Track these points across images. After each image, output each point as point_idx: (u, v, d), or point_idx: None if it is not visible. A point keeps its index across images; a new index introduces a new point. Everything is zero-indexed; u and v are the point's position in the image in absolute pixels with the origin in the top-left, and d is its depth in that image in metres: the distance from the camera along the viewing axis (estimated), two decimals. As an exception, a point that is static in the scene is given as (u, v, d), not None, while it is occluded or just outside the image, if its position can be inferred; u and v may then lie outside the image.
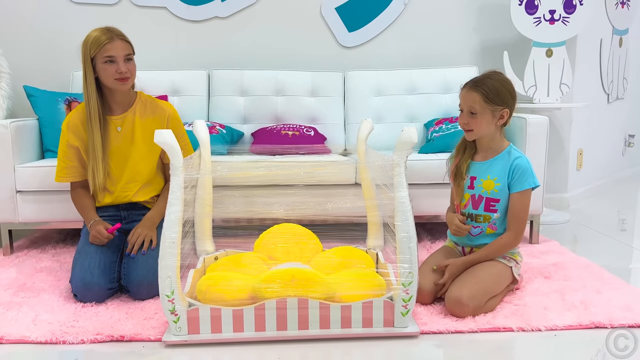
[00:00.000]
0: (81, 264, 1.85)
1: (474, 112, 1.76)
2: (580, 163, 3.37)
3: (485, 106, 1.75)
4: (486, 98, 1.74)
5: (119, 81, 1.89)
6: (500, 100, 1.75)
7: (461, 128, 1.83)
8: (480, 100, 1.75)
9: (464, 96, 1.79)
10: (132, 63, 1.93)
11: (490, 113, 1.76)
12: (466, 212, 1.83)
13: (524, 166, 1.79)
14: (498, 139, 1.83)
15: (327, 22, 3.06)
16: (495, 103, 1.75)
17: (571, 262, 2.16)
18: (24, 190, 2.32)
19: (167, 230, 1.49)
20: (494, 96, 1.75)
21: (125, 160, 1.98)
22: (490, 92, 1.74)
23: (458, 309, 1.66)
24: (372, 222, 1.97)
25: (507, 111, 1.76)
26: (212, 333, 1.55)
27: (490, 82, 1.76)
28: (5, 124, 2.29)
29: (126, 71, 1.89)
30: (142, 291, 1.83)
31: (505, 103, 1.75)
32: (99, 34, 1.88)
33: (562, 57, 2.88)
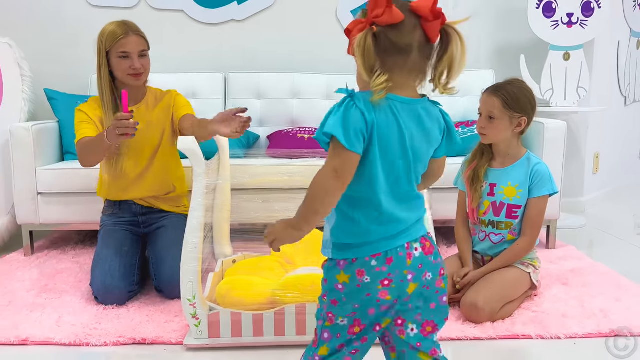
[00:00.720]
0: (101, 268, 1.86)
1: (492, 117, 1.76)
2: (597, 166, 3.35)
3: (503, 111, 1.75)
4: (505, 104, 1.75)
5: (133, 77, 1.89)
6: (519, 107, 1.75)
7: (477, 132, 1.83)
8: (499, 106, 1.75)
9: (484, 100, 1.80)
10: (147, 59, 1.93)
11: (508, 119, 1.76)
12: (486, 219, 1.83)
13: (543, 172, 1.79)
14: (515, 146, 1.83)
15: (343, 24, 3.06)
16: (514, 110, 1.75)
17: (589, 268, 2.16)
18: (44, 192, 2.35)
19: (190, 235, 1.51)
20: (514, 103, 1.75)
21: (140, 152, 1.97)
22: (510, 98, 1.75)
23: (474, 313, 1.67)
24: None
25: (524, 119, 1.76)
26: (233, 337, 1.57)
27: (510, 88, 1.76)
28: (27, 127, 2.33)
29: (140, 67, 1.88)
30: (175, 290, 1.73)
31: (523, 111, 1.75)
32: (114, 28, 1.88)
33: (579, 61, 2.86)
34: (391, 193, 0.99)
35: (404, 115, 0.96)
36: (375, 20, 0.93)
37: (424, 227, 1.06)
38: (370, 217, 0.99)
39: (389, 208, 0.99)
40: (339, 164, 0.93)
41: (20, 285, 2.02)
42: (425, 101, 0.99)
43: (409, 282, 1.00)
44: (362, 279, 0.99)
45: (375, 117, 0.93)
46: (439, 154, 1.06)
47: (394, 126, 0.95)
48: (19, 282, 2.05)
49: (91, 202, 2.29)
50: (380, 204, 0.98)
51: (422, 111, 0.98)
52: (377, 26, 0.93)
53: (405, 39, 0.94)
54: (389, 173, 0.98)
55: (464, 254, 1.87)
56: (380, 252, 0.99)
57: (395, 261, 0.99)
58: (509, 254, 1.79)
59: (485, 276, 1.78)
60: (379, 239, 1.00)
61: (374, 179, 0.97)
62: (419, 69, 0.97)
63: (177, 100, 2.04)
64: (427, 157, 1.02)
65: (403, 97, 0.96)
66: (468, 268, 1.81)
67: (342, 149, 0.92)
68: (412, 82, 0.98)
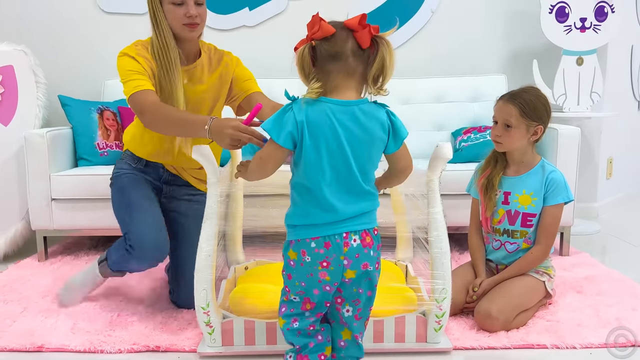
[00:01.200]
0: (146, 222, 1.70)
1: (509, 125, 1.75)
2: (610, 172, 3.32)
3: (521, 120, 1.74)
4: (522, 112, 1.73)
5: (188, 27, 1.67)
6: (536, 115, 1.74)
7: (492, 140, 1.82)
8: (516, 114, 1.74)
9: (499, 108, 1.79)
10: (203, 8, 1.71)
11: (525, 127, 1.75)
12: (501, 228, 1.82)
13: (558, 180, 1.78)
14: (530, 154, 1.81)
15: (354, 30, 3.06)
16: (531, 118, 1.74)
17: (603, 276, 2.14)
18: (58, 198, 2.37)
19: (204, 244, 1.52)
20: (531, 111, 1.73)
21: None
22: (527, 106, 1.73)
23: (487, 322, 1.66)
24: (401, 236, 1.97)
25: (541, 127, 1.75)
26: (246, 345, 1.57)
27: (527, 96, 1.75)
28: (41, 134, 2.35)
29: (196, 15, 1.66)
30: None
31: (540, 119, 1.74)
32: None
33: (593, 65, 2.84)
34: (335, 184, 1.18)
35: (339, 116, 1.15)
36: (313, 36, 1.16)
37: (372, 221, 1.25)
38: (311, 203, 1.19)
39: (329, 197, 1.18)
40: (265, 154, 1.21)
41: (34, 292, 2.03)
42: (362, 102, 1.18)
43: (345, 267, 1.20)
44: (305, 258, 1.20)
45: (307, 118, 1.14)
46: (389, 151, 1.24)
47: (327, 125, 1.15)
48: (34, 288, 2.07)
49: (104, 208, 2.30)
50: (320, 192, 1.18)
51: (359, 112, 1.17)
52: (315, 41, 1.16)
53: (338, 47, 1.15)
54: (331, 166, 1.17)
55: (477, 262, 1.86)
56: (319, 236, 1.18)
57: (332, 246, 1.18)
58: (523, 263, 1.78)
59: (499, 285, 1.76)
60: (320, 224, 1.19)
61: (313, 170, 1.17)
62: (357, 73, 1.17)
63: (239, 72, 1.87)
64: (370, 153, 1.20)
65: (337, 100, 1.16)
66: (482, 278, 1.80)
67: (272, 142, 1.17)
68: (351, 84, 1.18)
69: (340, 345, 1.32)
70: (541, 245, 1.78)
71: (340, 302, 1.27)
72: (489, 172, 1.84)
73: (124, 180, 1.82)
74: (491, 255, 1.87)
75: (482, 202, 1.86)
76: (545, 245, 1.78)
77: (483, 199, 1.85)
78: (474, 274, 1.86)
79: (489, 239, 1.88)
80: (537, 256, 1.78)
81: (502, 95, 1.80)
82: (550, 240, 1.79)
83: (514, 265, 1.79)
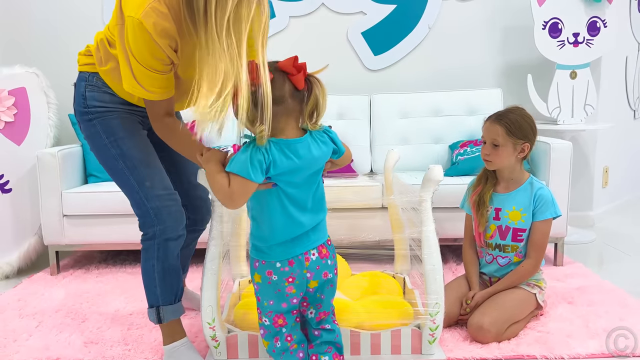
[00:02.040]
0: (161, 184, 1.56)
1: (496, 144, 1.84)
2: (606, 180, 3.38)
3: (507, 139, 1.82)
4: (509, 131, 1.82)
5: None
6: (522, 134, 1.82)
7: (482, 159, 1.90)
8: (503, 133, 1.82)
9: (487, 128, 1.87)
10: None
11: (512, 146, 1.83)
12: (493, 242, 1.90)
13: (546, 196, 1.86)
14: (518, 171, 1.89)
15: (354, 46, 3.16)
16: (517, 137, 1.82)
17: (595, 287, 2.21)
18: (70, 215, 2.47)
19: (209, 262, 1.61)
20: (516, 130, 1.82)
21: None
22: (512, 125, 1.82)
23: (480, 334, 1.74)
24: (399, 253, 2.05)
25: (527, 145, 1.84)
26: (250, 358, 1.65)
27: (512, 116, 1.84)
28: (53, 153, 2.45)
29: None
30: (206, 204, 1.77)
31: (526, 137, 1.83)
32: None
33: (586, 79, 2.92)
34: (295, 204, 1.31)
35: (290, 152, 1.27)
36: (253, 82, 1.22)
37: (324, 234, 1.41)
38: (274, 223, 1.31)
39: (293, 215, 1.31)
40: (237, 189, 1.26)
41: (48, 306, 2.13)
42: (306, 137, 1.30)
43: (309, 279, 1.35)
44: (271, 278, 1.34)
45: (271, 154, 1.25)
46: (335, 157, 1.40)
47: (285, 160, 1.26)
48: (47, 302, 2.17)
49: (113, 224, 2.42)
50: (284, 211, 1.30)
51: (306, 143, 1.29)
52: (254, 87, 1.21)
53: (277, 91, 1.23)
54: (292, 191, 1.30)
55: (470, 276, 1.94)
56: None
57: (295, 263, 1.33)
58: (514, 276, 1.86)
59: (491, 297, 1.84)
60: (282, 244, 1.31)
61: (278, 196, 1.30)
62: (297, 111, 1.28)
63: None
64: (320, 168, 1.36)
65: (286, 140, 1.27)
66: (475, 290, 1.88)
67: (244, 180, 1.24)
68: (292, 124, 1.29)
69: (315, 335, 1.46)
70: (531, 259, 1.86)
71: (306, 305, 1.43)
72: (480, 190, 1.93)
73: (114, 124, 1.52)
74: (484, 269, 1.95)
75: (474, 218, 1.94)
76: (535, 259, 1.86)
77: (475, 215, 1.93)
78: (468, 286, 1.94)
79: (482, 253, 1.96)
80: (528, 270, 1.86)
81: (489, 116, 1.89)
82: (540, 254, 1.87)
83: (506, 278, 1.87)
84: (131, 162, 1.54)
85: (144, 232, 1.59)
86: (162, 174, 1.60)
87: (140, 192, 1.54)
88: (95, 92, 1.53)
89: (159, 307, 1.61)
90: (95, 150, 1.58)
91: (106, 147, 1.54)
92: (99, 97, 1.53)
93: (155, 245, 1.57)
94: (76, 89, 1.57)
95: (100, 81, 1.53)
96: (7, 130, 2.59)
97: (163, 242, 1.57)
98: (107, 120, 1.54)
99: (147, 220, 1.56)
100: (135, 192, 1.55)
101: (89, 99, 1.53)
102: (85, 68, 1.56)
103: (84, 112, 1.54)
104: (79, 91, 1.55)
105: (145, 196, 1.54)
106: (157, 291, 1.60)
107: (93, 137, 1.55)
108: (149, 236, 1.58)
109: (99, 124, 1.53)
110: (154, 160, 1.59)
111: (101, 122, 1.53)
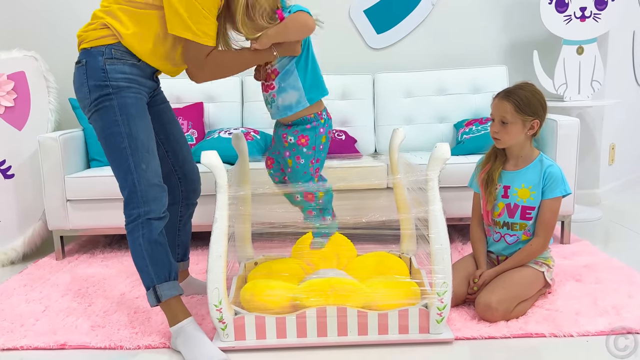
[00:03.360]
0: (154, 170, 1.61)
1: (505, 122, 1.80)
2: (613, 158, 3.35)
3: (516, 116, 1.79)
4: (517, 108, 1.79)
5: None
6: (531, 110, 1.79)
7: (491, 136, 1.87)
8: (511, 110, 1.79)
9: (495, 105, 1.84)
10: None
11: (521, 123, 1.80)
12: (501, 220, 1.88)
13: (556, 174, 1.83)
14: (528, 148, 1.87)
15: (356, 24, 3.10)
16: (526, 113, 1.79)
17: (603, 264, 2.19)
18: (73, 199, 2.46)
19: (214, 245, 1.59)
20: (525, 106, 1.79)
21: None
22: (521, 102, 1.79)
23: (488, 313, 1.73)
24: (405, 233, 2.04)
25: (537, 122, 1.80)
26: (257, 339, 1.65)
27: (522, 92, 1.80)
28: (54, 137, 2.43)
29: None
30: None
31: (535, 114, 1.79)
32: None
33: (593, 54, 2.86)
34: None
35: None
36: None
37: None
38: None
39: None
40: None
41: (54, 290, 2.13)
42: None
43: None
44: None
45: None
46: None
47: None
48: (53, 287, 2.17)
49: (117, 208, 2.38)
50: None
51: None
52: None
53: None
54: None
55: (478, 254, 1.93)
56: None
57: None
58: (522, 254, 1.84)
59: (499, 276, 1.83)
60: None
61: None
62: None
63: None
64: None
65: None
66: (482, 269, 1.87)
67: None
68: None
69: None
70: (540, 237, 1.84)
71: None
72: (489, 167, 1.90)
73: (129, 102, 1.57)
74: (492, 247, 1.94)
75: (483, 196, 1.92)
76: (544, 237, 1.84)
77: (484, 193, 1.91)
78: (475, 265, 1.92)
79: (490, 232, 1.94)
80: (536, 248, 1.84)
81: (498, 92, 1.86)
82: (548, 232, 1.85)
83: (514, 257, 1.86)
84: (134, 144, 1.58)
85: (128, 213, 1.62)
86: (157, 162, 1.64)
87: (135, 173, 1.58)
88: (115, 64, 1.56)
89: (155, 287, 1.63)
90: (103, 125, 1.58)
91: (117, 123, 1.56)
92: (120, 69, 1.57)
93: (140, 224, 1.60)
94: (89, 65, 1.57)
95: (119, 52, 1.57)
96: (7, 115, 2.57)
97: (146, 221, 1.60)
98: (124, 98, 1.57)
99: (133, 201, 1.59)
100: (130, 173, 1.58)
101: (111, 72, 1.55)
102: (101, 42, 1.57)
103: (104, 85, 1.55)
104: (96, 66, 1.56)
105: (138, 178, 1.58)
106: (149, 270, 1.62)
107: (106, 111, 1.56)
108: (132, 217, 1.61)
109: (116, 99, 1.56)
110: (154, 146, 1.64)
111: (119, 98, 1.56)
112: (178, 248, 1.98)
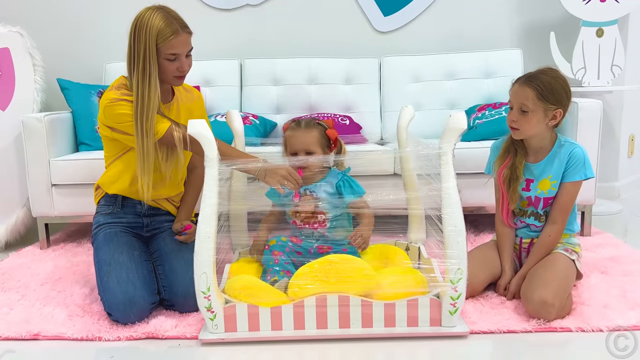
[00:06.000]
0: (117, 277, 1.61)
1: (525, 110, 1.63)
2: (632, 149, 3.18)
3: (538, 103, 1.62)
4: (540, 95, 1.62)
5: (177, 78, 1.69)
6: (555, 98, 1.62)
7: (508, 126, 1.70)
8: (533, 97, 1.62)
9: (515, 92, 1.67)
10: (190, 57, 1.70)
11: (542, 111, 1.63)
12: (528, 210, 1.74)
13: (579, 156, 1.67)
14: (548, 140, 1.70)
15: (362, 6, 2.95)
16: (549, 101, 1.62)
17: (628, 256, 2.02)
18: (59, 184, 2.31)
19: (203, 224, 1.44)
20: (549, 93, 1.62)
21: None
22: (544, 88, 1.62)
23: (544, 310, 1.51)
24: (413, 215, 1.87)
25: (560, 112, 1.64)
26: (250, 331, 1.49)
27: (545, 78, 1.63)
28: (39, 117, 2.28)
29: (188, 69, 1.68)
30: (189, 303, 1.61)
31: (559, 102, 1.62)
32: (163, 26, 1.61)
33: (613, 37, 2.70)
34: None
35: None
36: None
37: None
38: None
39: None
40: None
41: (33, 279, 1.97)
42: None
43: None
44: None
45: None
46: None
47: None
48: (33, 276, 2.01)
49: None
50: None
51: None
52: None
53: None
54: None
55: (504, 256, 1.74)
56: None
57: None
58: (543, 249, 1.69)
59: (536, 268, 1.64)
60: None
61: None
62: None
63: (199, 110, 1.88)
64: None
65: None
66: (507, 276, 1.71)
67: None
68: None
69: None
70: (557, 224, 1.68)
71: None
72: (509, 161, 1.73)
73: (100, 238, 1.76)
74: (520, 232, 1.78)
75: (504, 195, 1.75)
76: (561, 224, 1.69)
77: (507, 192, 1.73)
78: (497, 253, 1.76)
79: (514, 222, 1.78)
80: (555, 237, 1.69)
81: (518, 77, 1.68)
82: (565, 217, 1.70)
83: (535, 253, 1.70)
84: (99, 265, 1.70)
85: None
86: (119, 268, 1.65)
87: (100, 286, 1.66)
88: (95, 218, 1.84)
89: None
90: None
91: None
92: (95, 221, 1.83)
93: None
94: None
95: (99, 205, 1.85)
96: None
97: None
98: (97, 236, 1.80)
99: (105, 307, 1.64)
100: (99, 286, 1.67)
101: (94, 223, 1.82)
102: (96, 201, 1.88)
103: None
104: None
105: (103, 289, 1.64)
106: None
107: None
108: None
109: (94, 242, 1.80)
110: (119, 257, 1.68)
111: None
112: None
